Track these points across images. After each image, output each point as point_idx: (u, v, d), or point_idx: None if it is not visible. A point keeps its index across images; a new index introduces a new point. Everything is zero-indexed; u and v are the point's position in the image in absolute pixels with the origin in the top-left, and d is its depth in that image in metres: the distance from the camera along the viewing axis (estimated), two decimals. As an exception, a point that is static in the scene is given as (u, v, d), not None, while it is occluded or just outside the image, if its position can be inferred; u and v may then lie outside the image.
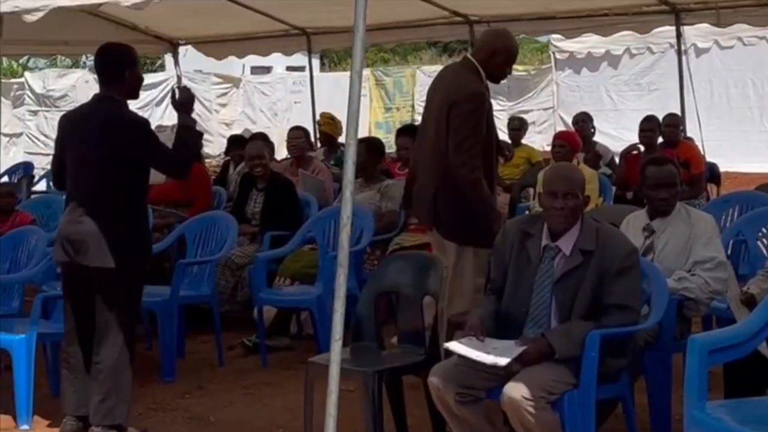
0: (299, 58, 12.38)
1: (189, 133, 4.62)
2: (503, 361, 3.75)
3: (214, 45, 11.16)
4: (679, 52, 9.49)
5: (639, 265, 4.02)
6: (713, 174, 9.12)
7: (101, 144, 4.43)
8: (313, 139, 10.13)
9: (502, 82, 5.23)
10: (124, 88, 4.52)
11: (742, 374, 3.87)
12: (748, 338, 3.48)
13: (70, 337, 4.64)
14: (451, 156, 4.69)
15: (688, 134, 9.44)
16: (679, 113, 9.16)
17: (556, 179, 4.02)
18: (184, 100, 4.66)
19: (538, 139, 16.02)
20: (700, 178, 8.26)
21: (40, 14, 4.68)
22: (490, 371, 3.87)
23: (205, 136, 19.55)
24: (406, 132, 7.85)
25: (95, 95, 4.63)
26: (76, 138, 4.56)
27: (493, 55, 4.87)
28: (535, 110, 19.08)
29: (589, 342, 3.77)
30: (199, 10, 9.49)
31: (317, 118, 10.73)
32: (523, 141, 10.04)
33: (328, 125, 9.43)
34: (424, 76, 21.71)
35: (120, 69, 4.51)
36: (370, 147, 6.98)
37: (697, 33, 14.43)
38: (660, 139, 8.42)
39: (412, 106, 21.30)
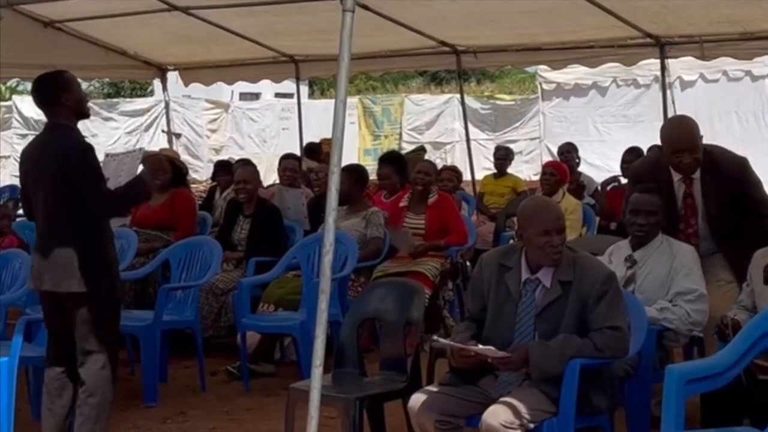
0: (288, 85, 12.45)
1: (139, 188, 4.62)
2: (492, 349, 3.79)
3: (203, 71, 11.21)
4: (663, 85, 9.60)
5: (618, 288, 4.05)
6: (697, 206, 9.16)
7: (51, 171, 4.45)
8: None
9: (487, 111, 5.30)
10: (65, 112, 4.55)
11: (719, 404, 3.90)
12: (726, 369, 3.51)
13: (51, 361, 4.65)
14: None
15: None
16: (663, 145, 9.24)
17: (549, 217, 4.01)
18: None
19: (525, 169, 16.15)
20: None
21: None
22: (470, 399, 3.90)
23: (194, 161, 19.74)
24: (388, 161, 7.88)
25: (45, 124, 4.67)
26: (32, 168, 4.59)
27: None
28: (521, 140, 19.22)
29: (568, 371, 3.79)
30: (188, 36, 9.57)
31: (316, 142, 10.83)
32: (510, 170, 10.12)
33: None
34: (412, 104, 21.87)
35: (55, 94, 4.53)
36: (353, 175, 7.00)
37: (683, 66, 14.56)
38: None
39: (400, 134, 21.42)
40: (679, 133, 4.96)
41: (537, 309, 3.99)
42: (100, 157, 4.62)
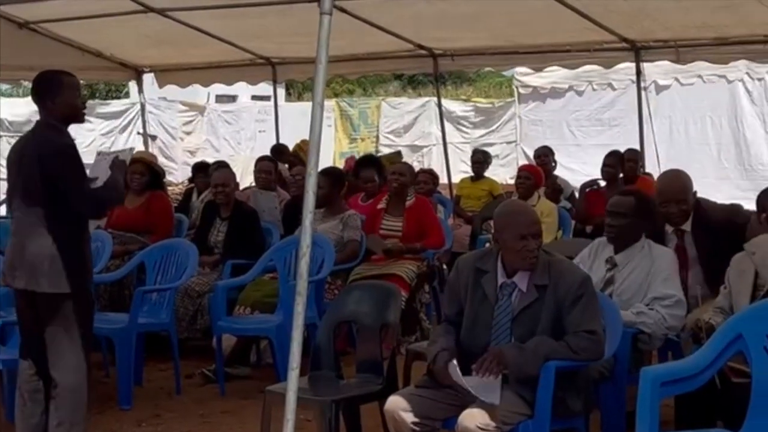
0: (264, 87, 12.41)
1: (117, 185, 4.60)
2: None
3: (178, 73, 11.17)
4: (638, 89, 9.65)
5: (594, 292, 4.07)
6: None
7: (30, 170, 4.44)
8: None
9: (464, 114, 5.31)
10: (55, 114, 4.53)
11: (693, 406, 3.93)
12: (700, 371, 3.53)
13: (24, 362, 4.62)
14: None
15: (648, 170, 9.58)
16: (638, 149, 9.32)
17: (526, 222, 4.03)
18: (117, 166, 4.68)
19: (501, 172, 16.17)
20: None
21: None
22: (446, 401, 3.91)
23: (169, 163, 19.66)
24: (368, 164, 7.89)
25: (36, 121, 4.65)
26: (15, 166, 4.57)
27: None
28: (498, 143, 19.27)
29: (544, 373, 3.81)
30: (164, 39, 9.53)
31: (283, 143, 10.82)
32: (486, 174, 10.14)
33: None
34: (389, 107, 21.89)
35: (44, 96, 4.52)
36: (332, 178, 7.01)
37: (658, 70, 14.66)
38: (620, 175, 8.55)
39: (377, 137, 21.43)
40: (668, 183, 5.22)
41: (513, 313, 4.00)
42: (92, 156, 4.60)
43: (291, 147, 10.67)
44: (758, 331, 3.53)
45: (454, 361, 3.90)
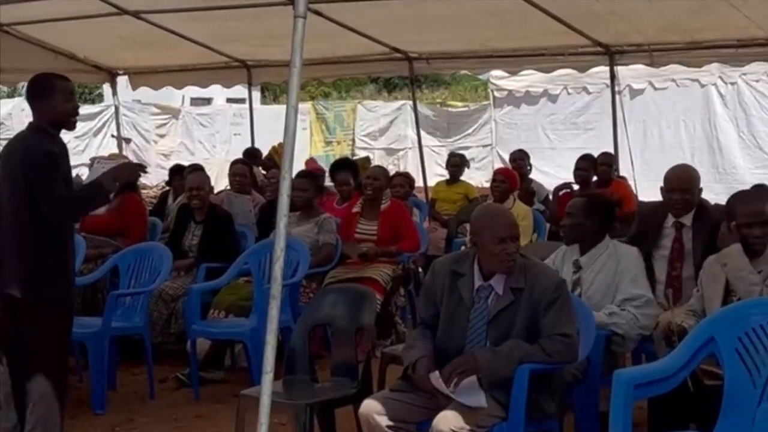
0: (240, 90, 12.39)
1: (99, 191, 4.57)
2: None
3: (153, 75, 11.11)
4: (612, 92, 9.69)
5: (569, 295, 4.09)
6: (645, 212, 9.29)
7: (13, 174, 4.40)
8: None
9: (440, 118, 5.36)
10: (44, 118, 4.49)
11: (666, 409, 3.95)
12: (673, 373, 3.55)
13: (1, 366, 4.57)
14: None
15: (622, 173, 9.63)
16: (612, 152, 9.37)
17: (505, 225, 4.04)
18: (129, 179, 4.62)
19: (477, 176, 16.22)
20: (633, 215, 8.40)
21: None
22: (421, 405, 3.92)
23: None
24: (343, 167, 7.89)
25: (28, 123, 4.61)
26: (1, 168, 4.53)
27: None
28: (473, 147, 19.34)
29: (518, 376, 3.82)
30: (139, 41, 9.48)
31: (256, 147, 10.80)
32: (462, 177, 10.16)
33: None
34: (365, 110, 21.91)
35: (35, 99, 4.49)
36: (314, 181, 7.04)
37: (632, 74, 14.76)
38: (594, 178, 8.60)
39: (353, 140, 21.44)
40: (675, 172, 5.35)
41: (489, 316, 4.01)
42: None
43: (266, 150, 10.65)
44: (730, 333, 3.56)
45: (437, 372, 3.90)
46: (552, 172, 14.89)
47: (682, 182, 5.23)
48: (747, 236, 4.29)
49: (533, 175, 10.05)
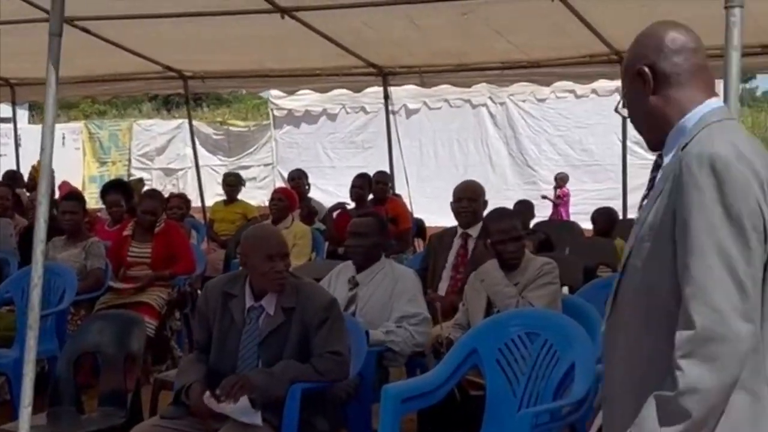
0: (5, 109, 11.80)
1: None
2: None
3: None
4: (386, 112, 9.94)
5: (340, 314, 4.12)
6: (420, 229, 9.57)
7: None
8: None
9: (221, 137, 5.33)
10: None
11: (435, 419, 4.05)
12: (438, 386, 3.66)
13: None
14: None
15: (397, 191, 9.86)
16: (389, 170, 9.58)
17: (273, 243, 4.03)
18: None
19: (259, 194, 16.15)
20: (408, 233, 8.63)
21: None
22: (191, 431, 3.83)
23: None
24: (115, 188, 7.66)
25: None
26: None
27: None
28: (255, 166, 19.27)
29: (290, 396, 3.81)
30: None
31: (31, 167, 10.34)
32: (242, 197, 10.08)
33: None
34: (141, 129, 21.37)
35: None
36: (83, 203, 6.78)
37: (408, 94, 15.19)
38: (371, 196, 8.75)
39: (129, 160, 20.86)
40: (463, 185, 6.00)
41: (260, 336, 3.98)
42: None
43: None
44: (490, 345, 3.70)
45: (207, 393, 3.83)
46: (333, 190, 15.04)
47: (468, 192, 5.85)
48: (502, 252, 4.56)
49: (314, 194, 10.10)
